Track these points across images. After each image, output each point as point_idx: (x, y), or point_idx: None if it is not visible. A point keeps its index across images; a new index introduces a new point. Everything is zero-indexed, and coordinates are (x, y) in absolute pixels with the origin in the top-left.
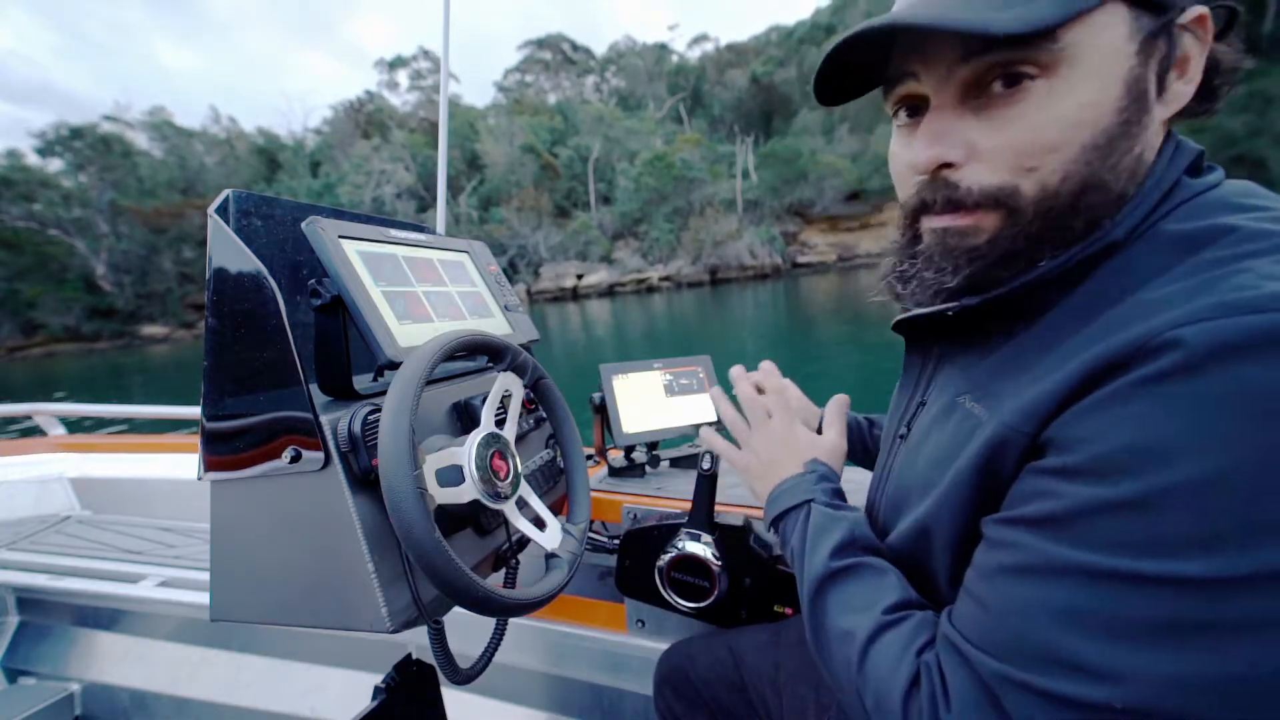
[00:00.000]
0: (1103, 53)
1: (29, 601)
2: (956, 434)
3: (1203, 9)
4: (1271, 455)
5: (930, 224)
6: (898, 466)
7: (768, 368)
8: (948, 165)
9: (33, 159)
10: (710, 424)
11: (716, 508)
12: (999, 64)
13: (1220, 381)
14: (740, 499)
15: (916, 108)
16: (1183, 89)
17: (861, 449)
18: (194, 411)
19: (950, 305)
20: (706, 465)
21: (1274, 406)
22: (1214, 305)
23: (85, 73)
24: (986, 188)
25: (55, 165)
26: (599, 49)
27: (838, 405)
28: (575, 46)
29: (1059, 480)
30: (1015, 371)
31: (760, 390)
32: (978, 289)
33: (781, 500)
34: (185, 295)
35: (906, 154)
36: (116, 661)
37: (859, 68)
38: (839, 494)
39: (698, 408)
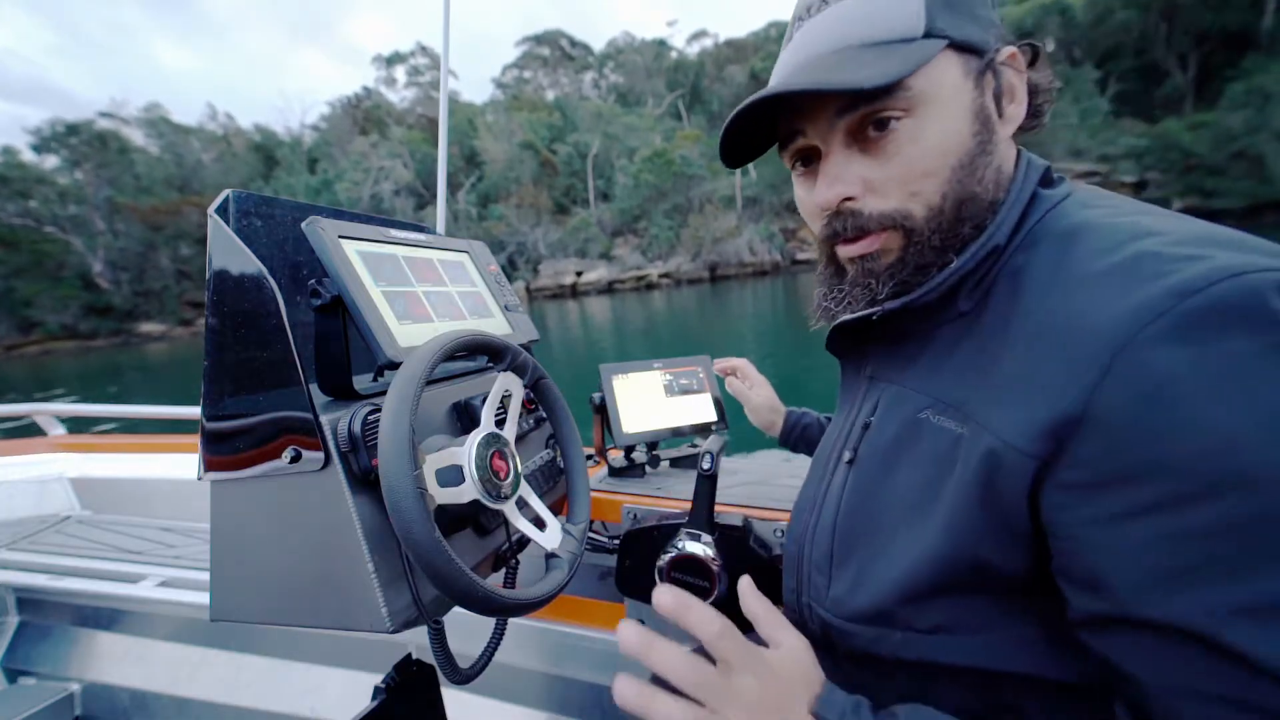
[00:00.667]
0: (947, 91)
1: (29, 601)
2: (934, 453)
3: (1011, 48)
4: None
5: (846, 253)
6: (849, 493)
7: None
8: (849, 199)
9: (28, 156)
10: (709, 424)
11: (716, 508)
12: (869, 113)
13: (1220, 360)
14: (740, 499)
15: (809, 158)
16: (1015, 111)
17: (806, 445)
18: (194, 411)
19: (873, 310)
20: (706, 465)
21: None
22: (1166, 292)
23: (82, 71)
24: (885, 212)
25: (51, 162)
26: (597, 46)
27: (760, 600)
28: (573, 43)
29: (1178, 514)
30: (979, 378)
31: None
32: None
33: None
34: (183, 293)
35: (811, 197)
36: (116, 661)
37: (755, 133)
38: (870, 707)
39: (698, 408)
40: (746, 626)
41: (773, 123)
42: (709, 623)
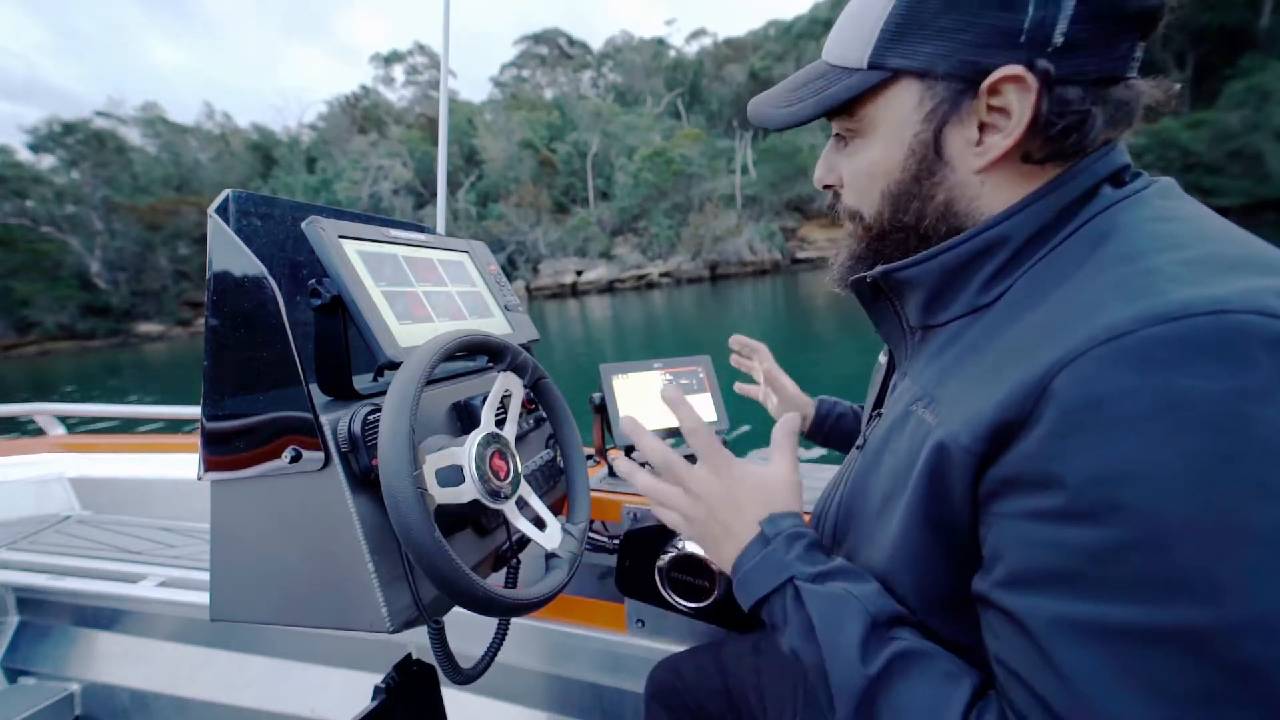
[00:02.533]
0: (890, 122)
1: (29, 601)
2: (910, 445)
3: (1012, 68)
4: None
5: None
6: (852, 477)
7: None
8: (829, 185)
9: (24, 155)
10: (709, 424)
11: None
12: (835, 126)
13: (1157, 395)
14: None
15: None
16: (999, 141)
17: (839, 437)
18: (194, 411)
19: (867, 273)
20: None
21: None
22: (1137, 315)
23: (76, 70)
24: (847, 205)
25: (48, 161)
26: (594, 45)
27: (785, 430)
28: (572, 41)
29: (1056, 526)
30: (955, 376)
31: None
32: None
33: (752, 584)
34: (181, 293)
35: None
36: (116, 661)
37: None
38: (817, 545)
39: (698, 407)
40: (747, 626)
41: None
42: (689, 418)
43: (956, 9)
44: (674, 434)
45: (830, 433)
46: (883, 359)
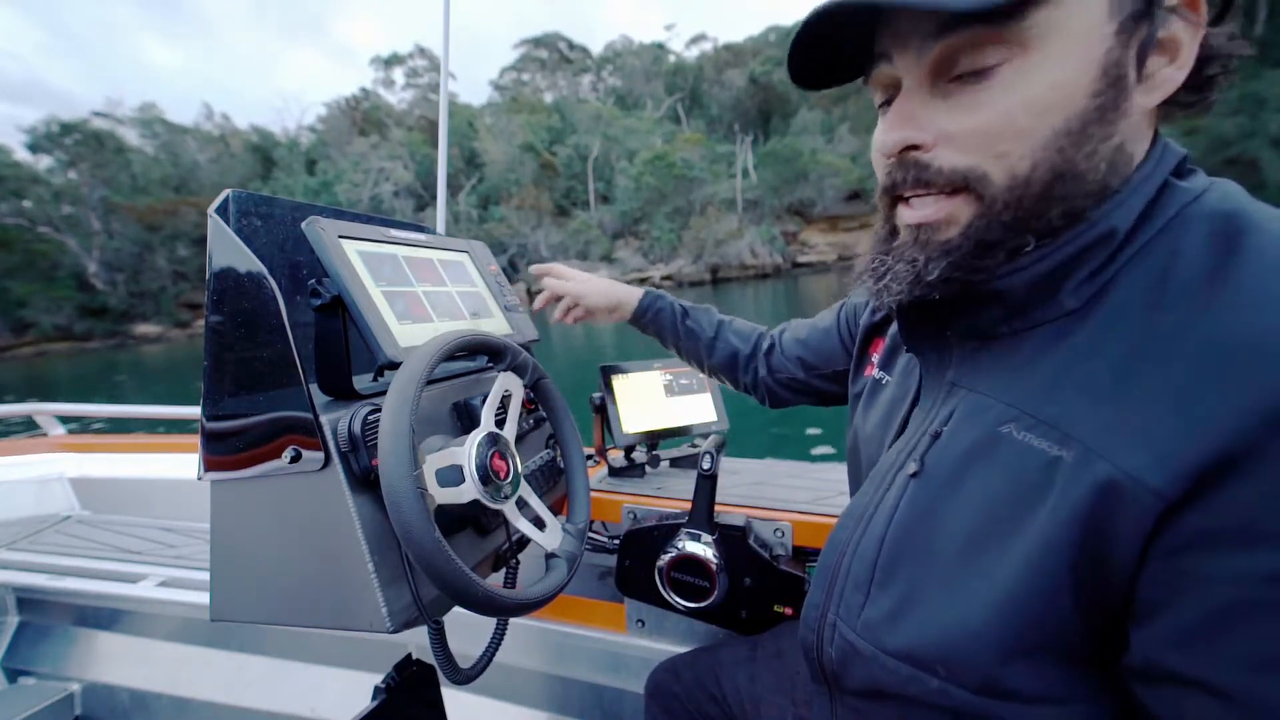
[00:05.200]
0: (1076, 32)
1: (29, 601)
2: (1017, 475)
3: None
4: None
5: (904, 217)
6: (907, 506)
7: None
8: (915, 147)
9: (21, 155)
10: (709, 424)
11: (716, 508)
12: (966, 44)
13: None
14: (740, 499)
15: (895, 93)
16: (1172, 74)
17: (673, 338)
18: (194, 411)
19: (933, 290)
20: (706, 465)
21: None
22: None
23: (74, 71)
24: (957, 168)
25: (45, 162)
26: (593, 49)
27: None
28: (572, 45)
29: None
30: (1090, 392)
31: None
32: (962, 283)
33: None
34: (179, 294)
35: (877, 137)
36: (116, 661)
37: (843, 54)
38: None
39: (698, 408)
40: (747, 627)
41: (867, 42)
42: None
43: None
44: (672, 434)
45: (647, 325)
46: (880, 375)
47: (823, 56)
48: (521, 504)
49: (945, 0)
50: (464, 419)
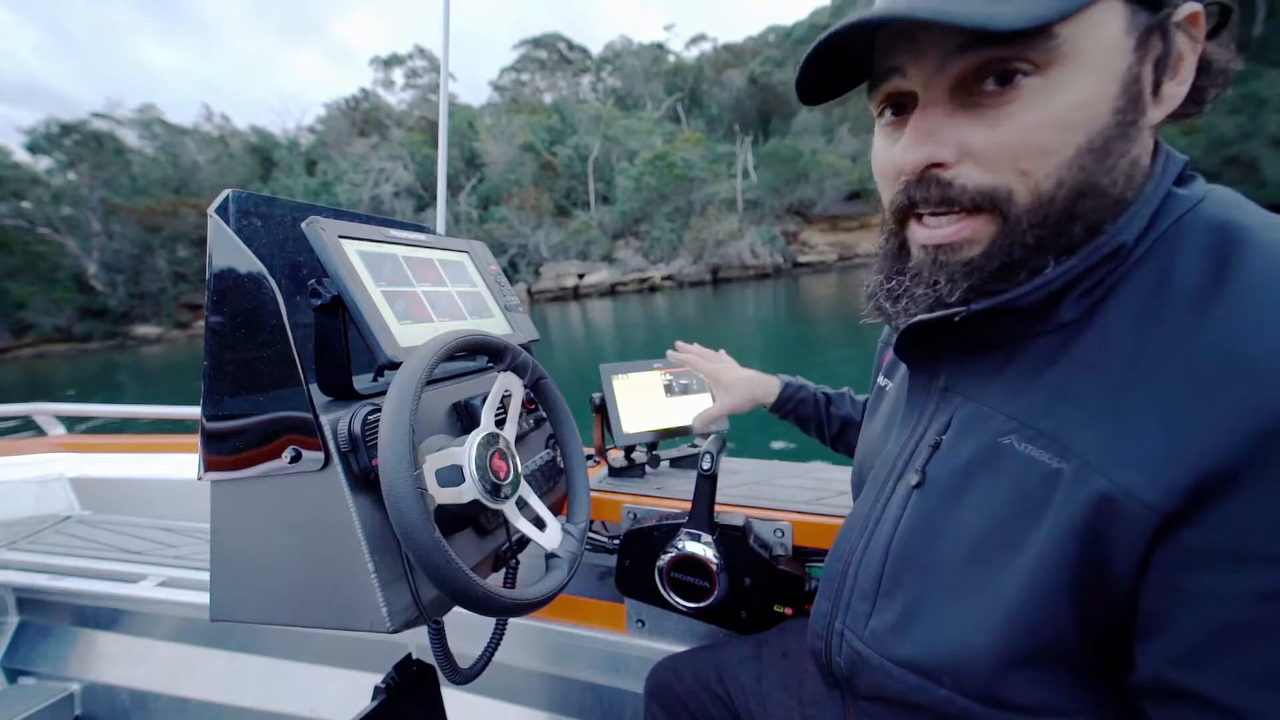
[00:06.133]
0: (1099, 49)
1: (29, 601)
2: (1019, 488)
3: (1196, 6)
4: None
5: (921, 236)
6: (910, 517)
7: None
8: (938, 165)
9: (21, 156)
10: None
11: (716, 508)
12: (994, 60)
13: None
14: (740, 499)
15: (903, 105)
16: (1176, 90)
17: (816, 426)
18: (194, 411)
19: (957, 310)
20: (706, 465)
21: None
22: None
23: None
24: (981, 186)
25: (45, 163)
26: (591, 48)
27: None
28: (571, 46)
29: None
30: (1087, 404)
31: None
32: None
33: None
34: (179, 295)
35: (892, 154)
36: (116, 661)
37: (843, 64)
38: None
39: (698, 407)
40: (747, 627)
41: (869, 52)
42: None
43: None
44: (671, 434)
45: (789, 413)
46: (884, 382)
47: (826, 69)
48: (521, 504)
49: (989, 19)
50: (464, 419)
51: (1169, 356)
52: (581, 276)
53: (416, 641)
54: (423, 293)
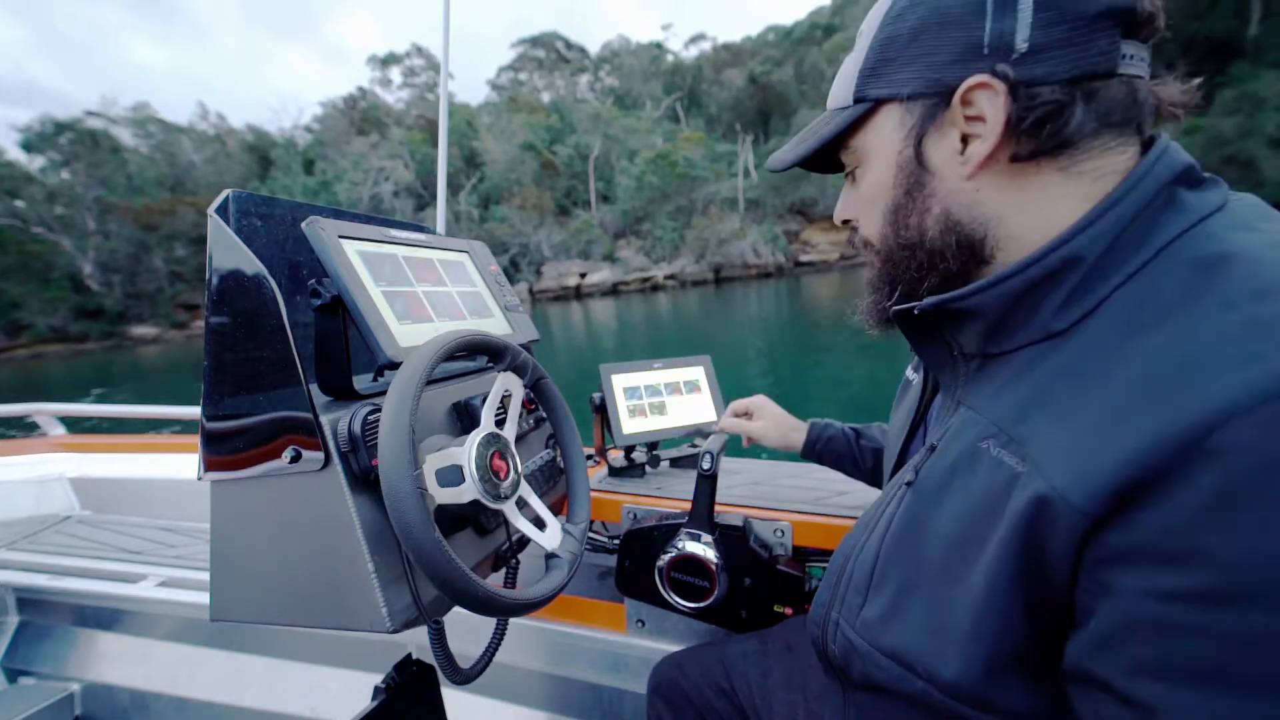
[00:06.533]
0: (879, 146)
1: (29, 601)
2: (987, 489)
3: (979, 77)
4: None
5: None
6: (901, 515)
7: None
8: (847, 220)
9: (15, 154)
10: (709, 424)
11: (716, 508)
12: (845, 164)
13: None
14: (740, 499)
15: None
16: (978, 149)
17: (851, 462)
18: (194, 411)
19: (911, 304)
20: (706, 465)
21: None
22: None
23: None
24: (862, 236)
25: (39, 162)
26: (589, 48)
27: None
28: (569, 45)
29: (1206, 610)
30: (1051, 410)
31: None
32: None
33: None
34: (176, 295)
35: None
36: (116, 661)
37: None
38: None
39: (698, 408)
40: (747, 627)
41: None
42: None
43: (923, 36)
44: (672, 434)
45: (821, 454)
46: (912, 376)
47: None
48: (521, 504)
49: (776, 165)
50: (464, 419)
51: (1129, 367)
52: (583, 276)
53: (416, 641)
54: (423, 293)
